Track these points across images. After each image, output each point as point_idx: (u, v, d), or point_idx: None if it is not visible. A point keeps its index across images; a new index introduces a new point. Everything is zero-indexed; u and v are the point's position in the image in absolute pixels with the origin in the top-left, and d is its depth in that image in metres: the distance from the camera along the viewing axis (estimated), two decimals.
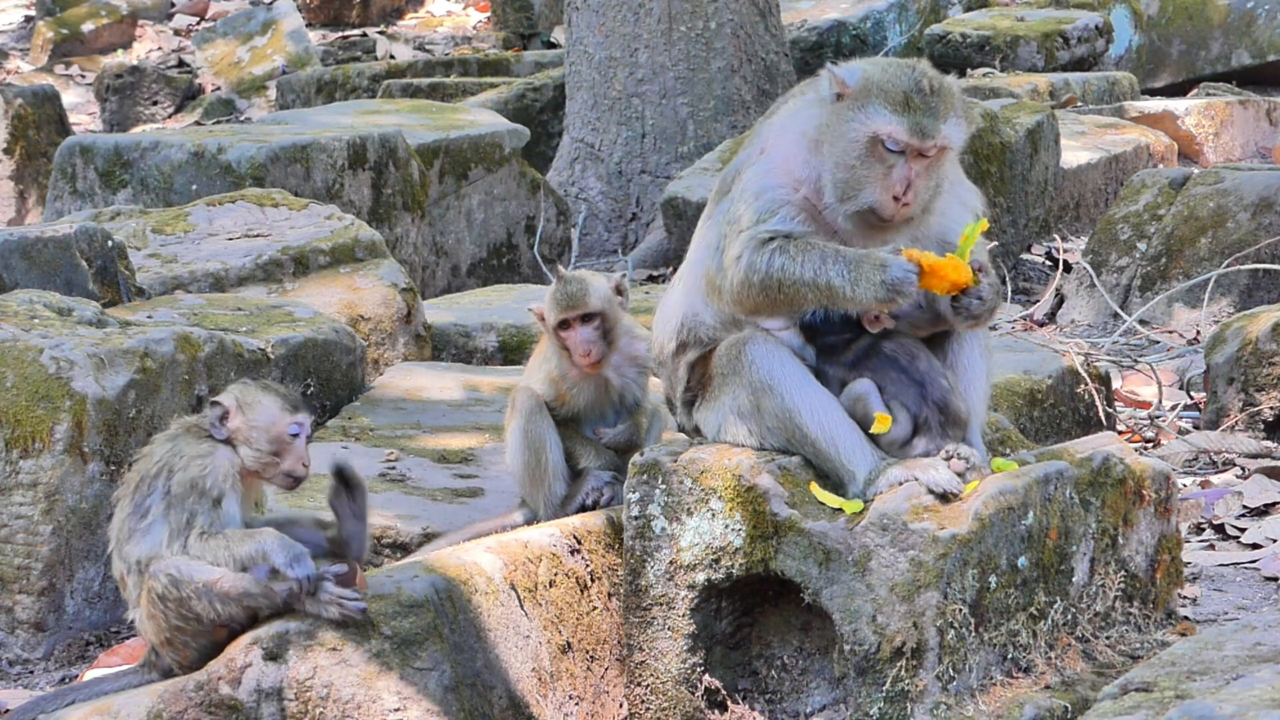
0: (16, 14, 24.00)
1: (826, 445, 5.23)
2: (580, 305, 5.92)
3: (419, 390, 7.50)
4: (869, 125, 5.17)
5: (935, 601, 5.00)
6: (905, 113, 5.15)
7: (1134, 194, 10.81)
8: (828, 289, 5.17)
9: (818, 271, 5.17)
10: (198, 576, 5.01)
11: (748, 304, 5.30)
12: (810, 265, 5.18)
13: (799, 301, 5.23)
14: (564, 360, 5.99)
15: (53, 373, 6.29)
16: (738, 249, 5.26)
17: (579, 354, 5.92)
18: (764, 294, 5.24)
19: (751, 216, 5.27)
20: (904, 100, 5.17)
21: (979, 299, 5.23)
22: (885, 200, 5.18)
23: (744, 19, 13.36)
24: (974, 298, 5.23)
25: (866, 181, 5.18)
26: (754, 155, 5.41)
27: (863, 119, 5.18)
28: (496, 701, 5.16)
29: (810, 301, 5.22)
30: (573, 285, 5.95)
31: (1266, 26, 16.24)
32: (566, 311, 5.92)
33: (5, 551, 6.25)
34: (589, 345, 5.91)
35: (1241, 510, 6.98)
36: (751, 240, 5.24)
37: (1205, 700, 4.14)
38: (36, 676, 6.17)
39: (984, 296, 5.24)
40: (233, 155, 9.73)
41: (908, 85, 5.18)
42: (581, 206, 13.28)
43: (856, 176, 5.19)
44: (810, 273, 5.18)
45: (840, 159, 5.21)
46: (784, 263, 5.20)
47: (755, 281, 5.24)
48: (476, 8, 22.66)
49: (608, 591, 5.64)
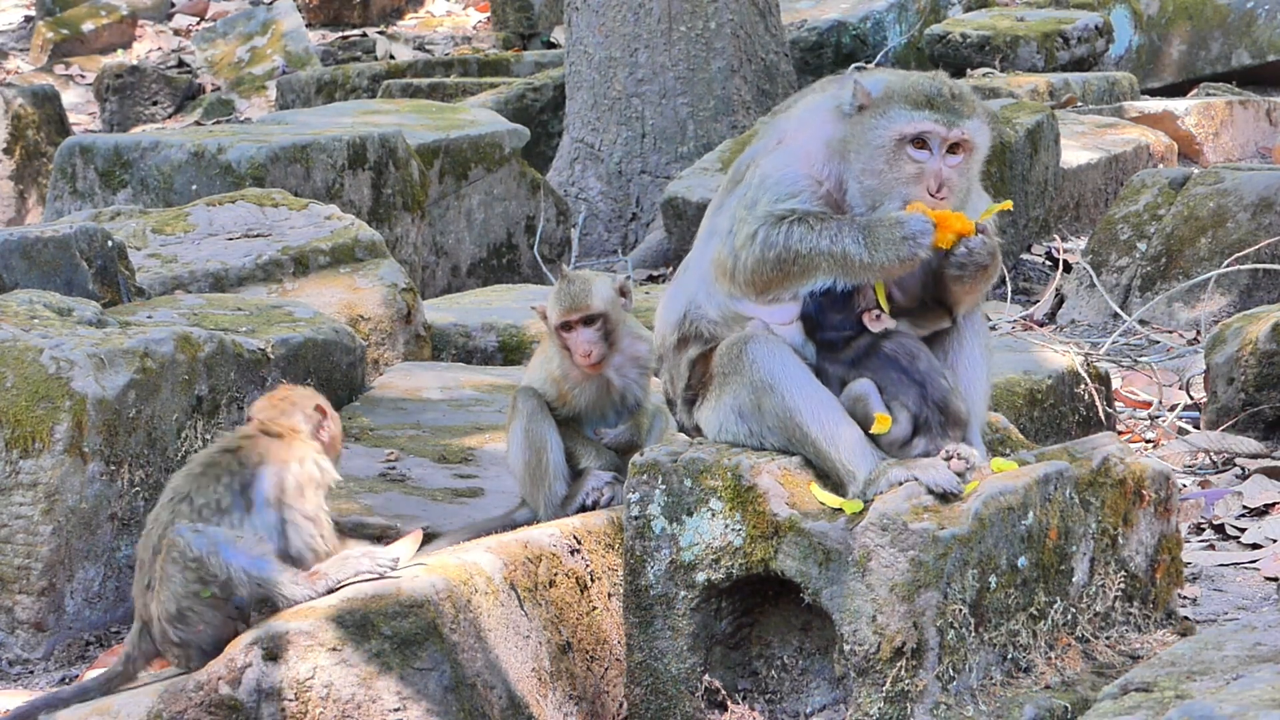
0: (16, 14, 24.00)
1: (827, 445, 5.23)
2: (583, 307, 5.92)
3: (419, 390, 7.50)
4: (893, 127, 5.21)
5: (935, 601, 5.00)
6: (928, 109, 5.21)
7: (1134, 194, 10.82)
8: (843, 258, 5.19)
9: (834, 240, 5.20)
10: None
11: (760, 281, 5.30)
12: (827, 235, 5.20)
13: (814, 272, 5.23)
14: (565, 360, 5.99)
15: (53, 373, 6.29)
16: (753, 226, 5.28)
17: (580, 355, 5.92)
18: (779, 268, 5.25)
19: (770, 197, 5.29)
20: (927, 100, 5.23)
21: (968, 250, 5.23)
22: (921, 197, 5.20)
23: (744, 19, 13.36)
24: (965, 248, 5.23)
25: (897, 184, 5.21)
26: (770, 145, 5.42)
27: (886, 123, 5.22)
28: (496, 701, 5.16)
29: (825, 271, 5.23)
30: (576, 286, 5.94)
31: (1266, 26, 16.24)
32: (569, 313, 5.92)
33: (5, 551, 6.25)
34: (590, 346, 5.91)
35: (1241, 510, 6.98)
36: (769, 217, 5.26)
37: (1205, 700, 4.14)
38: (36, 676, 6.17)
39: (973, 248, 5.23)
40: (233, 155, 9.73)
41: (929, 89, 5.25)
42: (581, 206, 13.28)
43: (886, 181, 5.22)
44: (827, 242, 5.20)
45: (867, 165, 5.24)
46: (801, 233, 5.22)
47: (771, 257, 5.25)
48: (476, 8, 22.66)
49: (608, 591, 5.64)
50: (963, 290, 5.34)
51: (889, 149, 5.22)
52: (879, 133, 5.23)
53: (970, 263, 5.26)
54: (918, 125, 5.21)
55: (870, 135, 5.24)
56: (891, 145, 5.22)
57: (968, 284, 5.31)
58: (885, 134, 5.22)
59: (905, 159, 5.23)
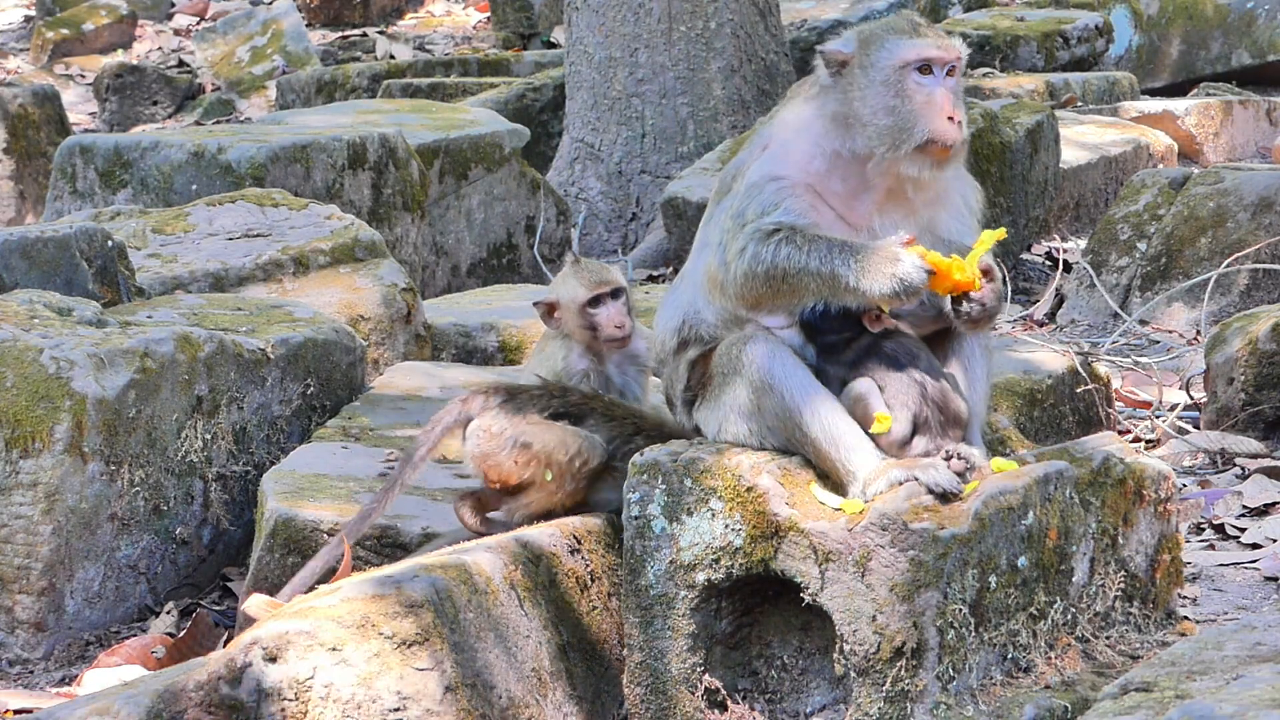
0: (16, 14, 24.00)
1: (826, 445, 5.23)
2: (611, 280, 5.96)
3: (419, 390, 7.49)
4: (896, 56, 5.23)
5: (935, 601, 5.00)
6: (919, 36, 5.26)
7: (1134, 194, 10.81)
8: (832, 279, 5.17)
9: (823, 261, 5.17)
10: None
11: (750, 297, 5.30)
12: (816, 255, 5.18)
13: (802, 292, 5.22)
14: (579, 346, 5.96)
15: (53, 373, 6.29)
16: (742, 241, 5.27)
17: (614, 326, 5.92)
18: (768, 285, 5.24)
19: (756, 210, 5.28)
20: (913, 28, 5.28)
21: (980, 305, 5.23)
22: (941, 124, 5.20)
23: (744, 19, 13.36)
24: (976, 304, 5.22)
25: (914, 115, 5.21)
26: (755, 153, 5.42)
27: (885, 57, 5.24)
28: (496, 701, 5.16)
29: (813, 293, 5.21)
30: (594, 264, 6.02)
31: (1266, 26, 16.24)
32: (599, 286, 5.93)
33: (5, 551, 6.25)
34: (622, 318, 5.93)
35: (1241, 510, 6.98)
36: (756, 232, 5.25)
37: (1205, 700, 4.14)
38: (36, 676, 6.17)
39: (985, 303, 5.23)
40: (233, 155, 9.73)
41: (909, 21, 5.31)
42: (581, 206, 13.28)
43: (902, 113, 5.21)
44: (816, 262, 5.18)
45: (877, 106, 5.23)
46: (789, 252, 5.20)
47: (759, 273, 5.24)
48: (476, 8, 22.66)
49: (608, 591, 5.65)
50: (966, 330, 5.35)
51: (894, 81, 5.22)
52: (880, 70, 5.23)
53: (979, 315, 5.26)
54: (920, 50, 5.23)
55: (870, 77, 5.24)
56: (895, 76, 5.22)
57: (969, 327, 5.32)
58: (887, 67, 5.23)
59: (913, 87, 5.22)
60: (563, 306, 5.99)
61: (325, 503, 6.25)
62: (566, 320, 6.00)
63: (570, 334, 6.00)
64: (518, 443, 5.72)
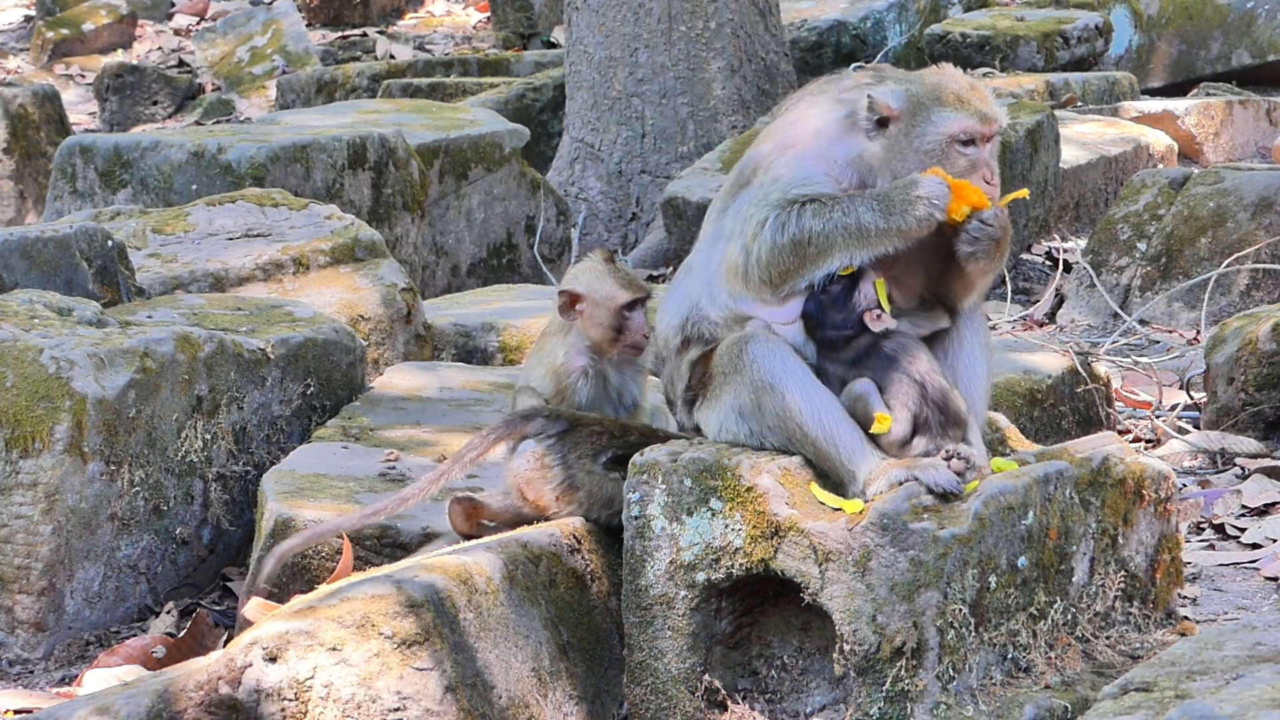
0: (16, 14, 23.99)
1: (827, 445, 5.23)
2: (646, 286, 6.00)
3: (419, 390, 7.49)
4: (942, 130, 5.28)
5: (935, 601, 5.00)
6: (966, 108, 5.30)
7: (1134, 194, 10.81)
8: (859, 230, 5.22)
9: (846, 212, 5.24)
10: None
11: (777, 271, 5.30)
12: (839, 210, 5.25)
13: (830, 254, 5.26)
14: (582, 342, 5.95)
15: (53, 373, 6.29)
16: (763, 214, 5.30)
17: (643, 334, 5.94)
18: (795, 253, 5.26)
19: (783, 188, 5.32)
20: (959, 99, 5.31)
21: (988, 226, 5.26)
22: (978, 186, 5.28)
23: (744, 19, 13.36)
24: (985, 225, 5.26)
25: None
26: (778, 149, 5.42)
27: (932, 129, 5.29)
28: (496, 701, 5.16)
29: (841, 250, 5.25)
30: (627, 268, 6.06)
31: (1266, 26, 16.24)
32: (639, 292, 5.96)
33: (5, 551, 6.25)
34: (647, 327, 5.97)
35: (1241, 510, 6.98)
36: (780, 203, 5.28)
37: (1205, 700, 4.14)
38: (36, 676, 6.17)
39: (989, 221, 5.26)
40: (233, 155, 9.73)
41: (955, 86, 5.34)
42: (581, 206, 13.28)
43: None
44: (840, 215, 5.24)
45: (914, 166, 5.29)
46: (814, 212, 5.26)
47: (785, 243, 5.26)
48: (476, 8, 22.66)
49: (608, 591, 5.65)
50: (975, 269, 5.34)
51: (939, 152, 5.29)
52: (925, 139, 5.29)
53: (984, 236, 5.26)
54: (966, 126, 5.29)
55: (914, 144, 5.30)
56: (942, 148, 5.29)
57: (980, 262, 5.31)
58: (934, 139, 5.29)
59: (956, 155, 5.29)
60: (594, 303, 5.94)
61: (325, 503, 6.25)
62: (592, 316, 5.95)
63: (586, 329, 5.95)
64: (567, 483, 5.70)
